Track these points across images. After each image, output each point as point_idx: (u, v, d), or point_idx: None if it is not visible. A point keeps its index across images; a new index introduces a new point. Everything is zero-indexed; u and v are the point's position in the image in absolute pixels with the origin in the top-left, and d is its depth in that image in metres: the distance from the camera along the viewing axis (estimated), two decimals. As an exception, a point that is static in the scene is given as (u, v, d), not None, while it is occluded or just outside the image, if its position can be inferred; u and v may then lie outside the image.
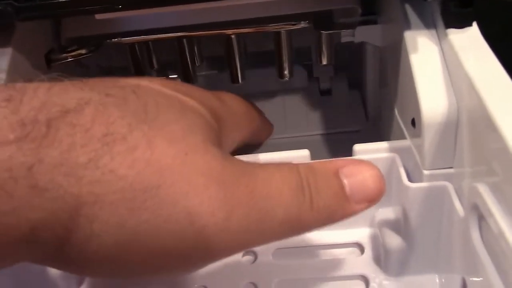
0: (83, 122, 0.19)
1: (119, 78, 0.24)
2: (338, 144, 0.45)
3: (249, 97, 0.48)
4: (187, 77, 0.44)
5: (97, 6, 0.30)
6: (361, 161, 0.25)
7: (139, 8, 0.30)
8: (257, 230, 0.22)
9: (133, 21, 0.40)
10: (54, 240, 0.19)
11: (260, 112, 0.36)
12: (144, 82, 0.24)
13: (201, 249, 0.21)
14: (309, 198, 0.23)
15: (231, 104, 0.31)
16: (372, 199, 0.25)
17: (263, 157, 0.33)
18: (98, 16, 0.33)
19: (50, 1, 0.29)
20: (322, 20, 0.39)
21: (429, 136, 0.28)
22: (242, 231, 0.21)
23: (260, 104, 0.49)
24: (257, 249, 0.35)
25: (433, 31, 0.31)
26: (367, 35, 0.38)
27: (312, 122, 0.47)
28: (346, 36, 0.39)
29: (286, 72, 0.44)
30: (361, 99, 0.48)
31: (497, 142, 0.23)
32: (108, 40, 0.40)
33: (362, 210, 0.25)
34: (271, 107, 0.49)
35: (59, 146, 0.18)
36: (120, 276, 0.22)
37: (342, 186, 0.24)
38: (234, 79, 0.44)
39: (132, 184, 0.19)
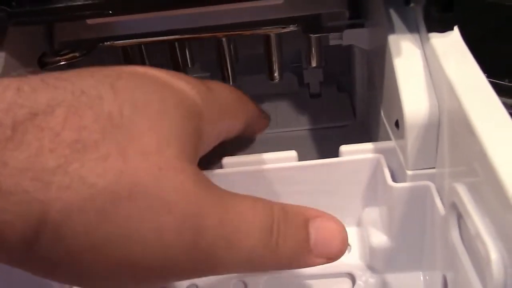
0: (53, 125, 0.19)
1: (101, 67, 0.23)
2: (326, 138, 0.46)
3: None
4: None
5: (88, 11, 0.30)
6: (331, 218, 0.26)
7: (129, 14, 0.30)
8: (220, 260, 0.22)
9: (125, 25, 0.41)
10: (21, 243, 0.19)
11: (255, 103, 0.36)
12: (129, 69, 0.23)
13: (166, 266, 0.21)
14: (275, 242, 0.23)
15: (220, 92, 0.30)
16: (332, 258, 0.25)
17: (252, 158, 0.34)
18: (89, 21, 0.33)
19: (43, 6, 0.30)
20: (310, 23, 0.40)
21: (411, 137, 0.29)
22: (205, 257, 0.21)
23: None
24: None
25: (416, 35, 0.31)
26: (355, 38, 0.39)
27: (301, 119, 0.49)
28: (334, 39, 0.40)
29: (276, 74, 0.45)
30: (350, 102, 0.49)
31: (475, 145, 0.23)
32: (101, 44, 0.41)
33: (320, 264, 0.25)
34: (263, 108, 0.50)
35: (26, 149, 0.18)
36: (88, 284, 0.21)
37: (308, 238, 0.25)
38: (226, 82, 0.45)
39: (101, 193, 0.19)
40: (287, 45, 0.44)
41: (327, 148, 0.44)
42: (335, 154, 0.34)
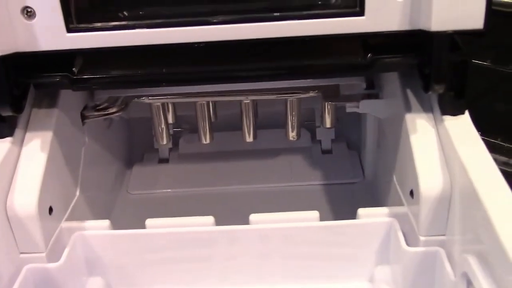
0: None
1: None
2: (338, 193, 0.50)
3: (259, 153, 0.53)
4: (204, 134, 0.48)
5: (140, 81, 0.34)
6: None
7: (178, 85, 0.34)
8: None
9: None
10: None
11: None
12: None
13: None
14: None
15: None
16: None
17: (275, 217, 0.37)
18: (137, 85, 0.37)
19: (101, 75, 0.33)
20: (330, 92, 0.44)
21: (425, 207, 0.33)
22: None
23: (268, 159, 0.54)
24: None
25: (430, 115, 0.35)
26: (371, 108, 0.43)
27: (314, 174, 0.52)
28: (351, 107, 0.43)
29: (294, 133, 0.49)
30: (358, 158, 0.53)
31: (482, 216, 0.27)
32: (136, 99, 0.45)
33: None
34: (279, 162, 0.54)
35: None
36: None
37: None
38: (246, 137, 0.49)
39: None
40: (302, 104, 0.48)
41: (339, 196, 0.48)
42: (346, 210, 0.38)
